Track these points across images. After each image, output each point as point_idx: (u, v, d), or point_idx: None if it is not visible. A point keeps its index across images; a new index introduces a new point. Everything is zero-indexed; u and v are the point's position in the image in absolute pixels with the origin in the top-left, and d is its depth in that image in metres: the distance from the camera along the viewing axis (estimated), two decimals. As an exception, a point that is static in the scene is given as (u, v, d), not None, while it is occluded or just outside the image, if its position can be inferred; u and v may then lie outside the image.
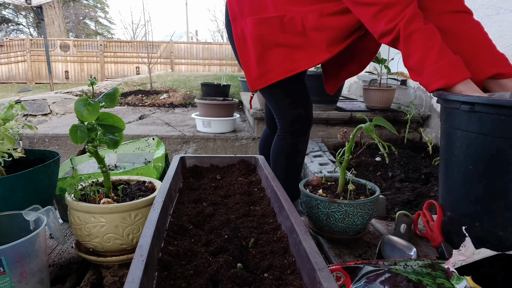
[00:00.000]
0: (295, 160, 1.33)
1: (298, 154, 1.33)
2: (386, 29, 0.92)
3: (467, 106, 0.84)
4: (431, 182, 1.92)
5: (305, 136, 1.30)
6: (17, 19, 20.85)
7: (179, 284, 0.53)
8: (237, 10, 1.18)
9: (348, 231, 0.94)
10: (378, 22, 0.94)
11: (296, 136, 1.28)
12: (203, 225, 0.73)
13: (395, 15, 0.90)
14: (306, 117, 1.27)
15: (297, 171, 1.37)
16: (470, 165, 0.87)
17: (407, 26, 0.89)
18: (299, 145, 1.31)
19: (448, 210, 0.97)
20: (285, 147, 1.30)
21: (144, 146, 1.48)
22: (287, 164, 1.33)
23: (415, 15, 0.90)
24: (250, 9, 1.15)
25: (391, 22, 0.91)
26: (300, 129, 1.27)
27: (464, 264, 0.64)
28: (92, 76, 0.79)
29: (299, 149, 1.32)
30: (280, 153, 1.32)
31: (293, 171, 1.35)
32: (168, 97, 5.09)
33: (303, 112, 1.26)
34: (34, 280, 0.68)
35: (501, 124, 0.78)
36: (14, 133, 0.85)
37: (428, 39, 0.89)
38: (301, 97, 1.27)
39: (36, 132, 2.95)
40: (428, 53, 0.88)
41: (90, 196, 0.83)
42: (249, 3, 1.16)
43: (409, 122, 2.71)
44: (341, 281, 0.67)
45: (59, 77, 12.54)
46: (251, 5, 1.15)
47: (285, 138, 1.29)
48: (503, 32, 1.94)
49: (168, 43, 12.48)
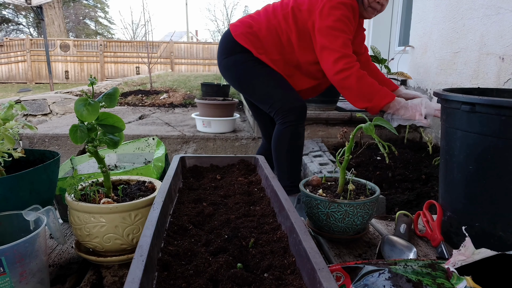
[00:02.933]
0: (296, 142, 1.51)
1: (298, 136, 1.51)
2: (345, 67, 1.37)
3: (467, 106, 0.84)
4: (431, 182, 1.92)
5: (303, 120, 1.52)
6: (17, 19, 20.85)
7: (179, 284, 0.53)
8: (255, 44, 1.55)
9: (348, 231, 0.94)
10: (339, 62, 1.38)
11: (295, 118, 1.48)
12: (203, 225, 0.73)
13: (351, 61, 1.39)
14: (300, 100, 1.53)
15: (300, 152, 1.54)
16: (470, 165, 0.87)
17: (359, 70, 1.38)
18: (298, 128, 1.50)
19: (448, 210, 0.97)
20: (286, 131, 1.48)
21: (144, 146, 1.48)
22: (290, 146, 1.50)
23: (358, 65, 1.41)
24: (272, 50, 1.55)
25: (349, 64, 1.38)
26: (298, 113, 1.49)
27: (464, 264, 0.64)
28: (92, 76, 0.79)
29: (298, 131, 1.51)
30: (283, 137, 1.49)
31: (296, 152, 1.52)
32: (168, 97, 5.09)
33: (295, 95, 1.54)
34: (34, 280, 0.68)
35: (501, 124, 0.78)
36: (14, 133, 0.85)
37: (370, 80, 1.40)
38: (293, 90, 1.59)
39: (36, 132, 2.95)
40: (373, 87, 1.39)
41: (90, 196, 0.83)
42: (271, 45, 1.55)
43: (409, 122, 2.71)
44: (341, 281, 0.67)
45: (59, 77, 12.55)
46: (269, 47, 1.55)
47: (285, 123, 1.48)
48: (503, 32, 1.94)
49: (168, 43, 12.48)
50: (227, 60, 1.59)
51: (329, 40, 1.40)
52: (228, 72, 1.62)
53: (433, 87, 2.65)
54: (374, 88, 1.38)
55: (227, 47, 1.58)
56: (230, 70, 1.60)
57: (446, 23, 2.54)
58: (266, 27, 1.52)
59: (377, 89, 1.38)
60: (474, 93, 1.05)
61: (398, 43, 3.78)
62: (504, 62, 1.93)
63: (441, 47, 2.60)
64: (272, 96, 1.52)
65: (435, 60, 2.67)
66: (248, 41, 1.52)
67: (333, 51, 1.39)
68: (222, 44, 1.62)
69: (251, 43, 1.52)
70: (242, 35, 1.53)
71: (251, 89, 1.59)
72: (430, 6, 2.78)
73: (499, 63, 1.97)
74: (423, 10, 2.93)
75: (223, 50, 1.61)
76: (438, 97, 0.97)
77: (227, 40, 1.58)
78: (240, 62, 1.55)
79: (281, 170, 1.52)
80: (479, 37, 2.15)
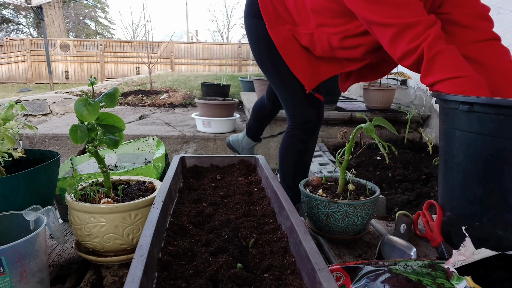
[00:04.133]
0: (303, 158, 1.36)
1: (307, 153, 1.36)
2: (408, 49, 0.87)
3: (466, 106, 0.84)
4: (431, 182, 1.92)
5: (314, 135, 1.34)
6: (17, 19, 20.85)
7: (179, 284, 0.53)
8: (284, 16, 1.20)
9: (348, 231, 0.94)
10: (398, 44, 0.89)
11: (307, 134, 1.32)
12: (203, 225, 0.73)
13: (417, 35, 0.86)
14: (317, 117, 1.32)
15: (305, 170, 1.40)
16: (470, 165, 0.87)
17: (431, 47, 0.83)
18: (309, 144, 1.34)
19: (448, 210, 0.97)
20: (295, 144, 1.34)
21: (144, 146, 1.48)
22: (296, 162, 1.36)
23: (439, 37, 0.85)
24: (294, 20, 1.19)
25: (413, 42, 0.86)
26: (311, 128, 1.31)
27: (464, 264, 0.64)
28: (92, 76, 0.79)
29: (308, 148, 1.35)
30: (290, 150, 1.35)
31: (301, 169, 1.38)
32: (168, 97, 5.09)
33: (316, 111, 1.31)
34: (34, 280, 0.68)
35: (500, 124, 0.78)
36: (14, 133, 0.85)
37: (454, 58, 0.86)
38: (316, 99, 1.31)
39: (36, 132, 2.95)
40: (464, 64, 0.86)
41: (90, 196, 0.83)
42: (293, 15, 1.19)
43: (409, 122, 2.71)
44: (341, 281, 0.67)
45: (59, 77, 12.54)
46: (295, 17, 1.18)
47: (295, 135, 1.33)
48: (503, 32, 1.94)
49: (168, 43, 12.48)
50: (249, 22, 1.30)
51: (374, 8, 0.91)
52: (249, 36, 1.33)
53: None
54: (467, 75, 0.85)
55: (251, 6, 1.27)
56: (250, 36, 1.32)
57: (446, 23, 2.53)
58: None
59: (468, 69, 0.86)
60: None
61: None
62: (504, 62, 1.93)
63: (441, 47, 2.60)
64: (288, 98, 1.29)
65: (435, 60, 2.67)
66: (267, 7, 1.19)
67: (385, 27, 0.90)
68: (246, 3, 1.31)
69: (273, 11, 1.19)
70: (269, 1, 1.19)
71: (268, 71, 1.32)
72: (430, 6, 2.78)
73: (499, 63, 1.97)
74: (423, 10, 2.92)
75: (247, 9, 1.30)
76: (436, 97, 0.97)
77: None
78: (262, 36, 1.23)
79: (285, 182, 1.41)
80: (479, 37, 2.15)
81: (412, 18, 0.86)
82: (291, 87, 1.28)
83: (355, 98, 3.98)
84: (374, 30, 0.95)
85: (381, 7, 0.89)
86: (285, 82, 1.28)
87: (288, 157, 1.37)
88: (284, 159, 1.39)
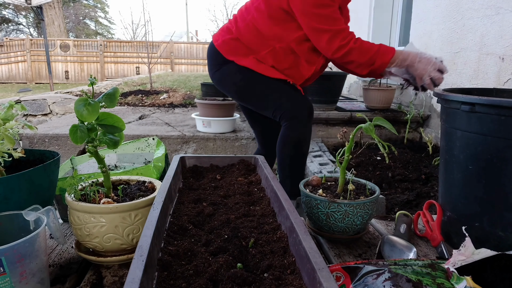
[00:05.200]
0: (302, 148, 1.46)
1: (304, 143, 1.46)
2: (341, 44, 1.30)
3: (467, 106, 0.84)
4: (431, 182, 1.92)
5: (309, 124, 1.46)
6: (17, 19, 20.85)
7: (179, 284, 0.53)
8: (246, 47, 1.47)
9: (348, 231, 0.94)
10: (334, 41, 1.31)
11: (301, 126, 1.43)
12: (203, 225, 0.73)
13: (345, 35, 1.31)
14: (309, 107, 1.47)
15: (304, 159, 1.49)
16: (470, 165, 0.87)
17: (356, 41, 1.31)
18: (306, 134, 1.45)
19: (448, 210, 0.97)
20: (292, 137, 1.42)
21: (144, 146, 1.48)
22: (295, 152, 1.45)
23: (355, 36, 1.34)
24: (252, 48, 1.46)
25: (344, 40, 1.30)
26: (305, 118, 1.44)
27: (464, 264, 0.64)
28: (92, 76, 0.79)
29: (305, 137, 1.45)
30: (288, 143, 1.44)
31: (299, 159, 1.47)
32: (168, 97, 5.09)
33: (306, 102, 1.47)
34: (34, 280, 0.68)
35: (501, 124, 0.78)
36: (14, 133, 0.85)
37: (367, 45, 1.33)
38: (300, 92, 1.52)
39: (36, 132, 2.96)
40: (372, 49, 1.31)
41: (90, 196, 0.83)
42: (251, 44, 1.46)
43: (409, 122, 2.71)
44: (341, 281, 0.67)
45: (59, 77, 12.55)
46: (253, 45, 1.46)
47: (291, 128, 1.42)
48: (503, 32, 1.94)
49: (168, 43, 12.48)
50: (219, 73, 1.53)
51: (315, 20, 1.31)
52: (223, 84, 1.55)
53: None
54: (373, 50, 1.29)
55: (215, 59, 1.52)
56: (224, 81, 1.54)
57: (446, 23, 2.54)
58: (244, 25, 1.44)
59: (376, 49, 1.29)
60: (474, 93, 1.05)
61: (398, 43, 3.78)
62: (504, 62, 1.94)
63: (441, 47, 2.60)
64: (275, 100, 1.45)
65: (435, 60, 2.67)
66: (231, 50, 1.46)
67: (323, 32, 1.31)
68: (209, 57, 1.56)
69: (235, 50, 1.46)
70: (224, 44, 1.47)
71: (250, 97, 1.52)
72: (430, 6, 2.78)
73: (499, 63, 1.97)
74: (423, 10, 2.93)
75: (212, 63, 1.54)
76: (438, 97, 0.97)
77: (212, 51, 1.52)
78: (234, 71, 1.47)
79: (284, 174, 1.48)
80: (479, 37, 2.15)
81: (341, 26, 1.32)
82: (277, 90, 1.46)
83: (355, 98, 3.98)
84: (315, 34, 1.35)
85: (323, 18, 1.32)
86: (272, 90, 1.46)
87: (286, 148, 1.45)
88: (282, 151, 1.46)
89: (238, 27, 1.46)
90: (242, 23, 1.46)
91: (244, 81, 1.48)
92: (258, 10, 1.43)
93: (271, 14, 1.40)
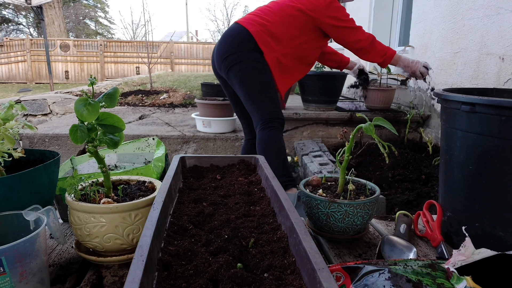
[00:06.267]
0: (281, 143, 1.73)
1: (282, 139, 1.74)
2: (365, 36, 1.79)
3: (467, 106, 0.84)
4: (431, 182, 1.92)
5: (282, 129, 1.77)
6: (17, 19, 20.85)
7: (179, 284, 0.53)
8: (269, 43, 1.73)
9: (348, 231, 0.94)
10: (359, 34, 1.78)
11: (279, 128, 1.72)
12: (203, 225, 0.73)
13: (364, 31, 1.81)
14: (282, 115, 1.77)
15: (285, 152, 1.78)
16: (470, 166, 0.87)
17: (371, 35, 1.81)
18: (281, 134, 1.75)
19: (448, 210, 0.97)
20: (274, 135, 1.68)
21: (144, 146, 1.48)
22: (280, 149, 1.70)
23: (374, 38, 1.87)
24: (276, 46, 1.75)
25: (365, 33, 1.80)
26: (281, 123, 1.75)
27: (464, 264, 0.64)
28: (92, 76, 0.79)
29: (281, 136, 1.75)
30: (272, 141, 1.68)
31: (283, 152, 1.75)
32: (168, 97, 5.09)
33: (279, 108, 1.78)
34: (34, 280, 0.68)
35: (501, 124, 0.78)
36: (14, 133, 0.85)
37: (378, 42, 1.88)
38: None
39: (36, 132, 2.96)
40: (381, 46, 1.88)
41: (90, 196, 0.83)
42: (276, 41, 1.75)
43: (409, 122, 2.71)
44: (341, 281, 0.67)
45: (59, 77, 12.55)
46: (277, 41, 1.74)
47: (272, 129, 1.69)
48: (503, 32, 1.94)
49: (168, 43, 12.48)
50: (237, 56, 1.68)
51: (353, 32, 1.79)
52: (234, 65, 1.69)
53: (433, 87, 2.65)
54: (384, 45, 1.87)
55: (241, 42, 1.68)
56: (237, 64, 1.69)
57: (446, 23, 2.54)
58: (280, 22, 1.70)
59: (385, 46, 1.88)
60: (474, 93, 1.05)
61: (398, 43, 3.78)
62: (504, 62, 1.94)
63: (441, 47, 2.60)
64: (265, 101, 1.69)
65: (435, 60, 2.67)
66: (263, 40, 1.67)
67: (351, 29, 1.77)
68: (235, 39, 1.71)
69: (266, 42, 1.68)
70: (259, 33, 1.67)
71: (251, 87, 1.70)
72: (430, 6, 2.78)
73: (499, 63, 1.97)
74: (423, 10, 2.93)
75: (236, 45, 1.70)
76: (438, 97, 0.97)
77: (241, 35, 1.69)
78: (254, 59, 1.68)
79: (276, 168, 1.61)
80: (479, 37, 2.15)
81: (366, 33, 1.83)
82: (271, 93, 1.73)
83: (355, 98, 3.98)
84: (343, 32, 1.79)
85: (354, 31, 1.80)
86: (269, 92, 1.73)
87: (274, 147, 1.68)
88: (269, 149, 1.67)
89: (271, 20, 1.71)
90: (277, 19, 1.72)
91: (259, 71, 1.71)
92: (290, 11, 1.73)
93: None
